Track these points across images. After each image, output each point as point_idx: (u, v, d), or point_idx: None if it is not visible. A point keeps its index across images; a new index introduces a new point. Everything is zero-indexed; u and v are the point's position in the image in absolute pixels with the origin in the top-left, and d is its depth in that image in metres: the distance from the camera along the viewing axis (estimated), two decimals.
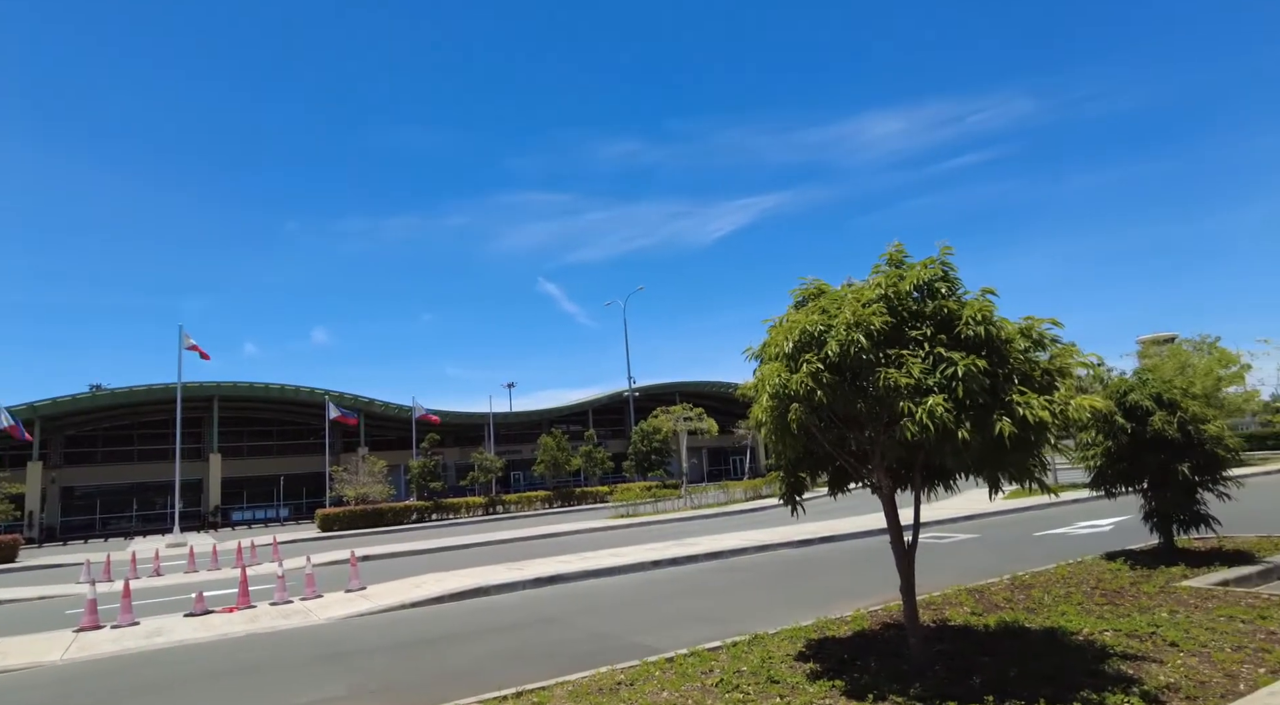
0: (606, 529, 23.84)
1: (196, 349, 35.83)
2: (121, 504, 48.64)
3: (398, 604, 11.71)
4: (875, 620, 7.75)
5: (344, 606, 11.82)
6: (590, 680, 6.29)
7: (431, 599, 11.95)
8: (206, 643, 10.04)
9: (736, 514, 26.53)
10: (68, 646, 10.05)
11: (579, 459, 41.36)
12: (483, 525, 30.69)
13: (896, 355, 5.28)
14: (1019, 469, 5.38)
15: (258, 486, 50.77)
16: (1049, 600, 7.94)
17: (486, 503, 36.78)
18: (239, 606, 12.22)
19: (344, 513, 32.99)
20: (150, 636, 10.45)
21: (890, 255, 6.00)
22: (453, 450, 53.64)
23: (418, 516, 34.49)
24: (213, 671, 8.50)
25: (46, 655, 9.62)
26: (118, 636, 10.56)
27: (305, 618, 11.22)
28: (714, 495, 31.36)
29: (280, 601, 12.47)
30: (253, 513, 49.03)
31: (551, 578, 13.13)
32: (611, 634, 9.03)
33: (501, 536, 23.16)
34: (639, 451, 40.32)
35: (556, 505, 37.64)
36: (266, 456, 52.71)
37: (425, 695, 6.89)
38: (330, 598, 12.75)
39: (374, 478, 35.79)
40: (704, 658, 6.69)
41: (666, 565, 14.23)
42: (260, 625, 10.83)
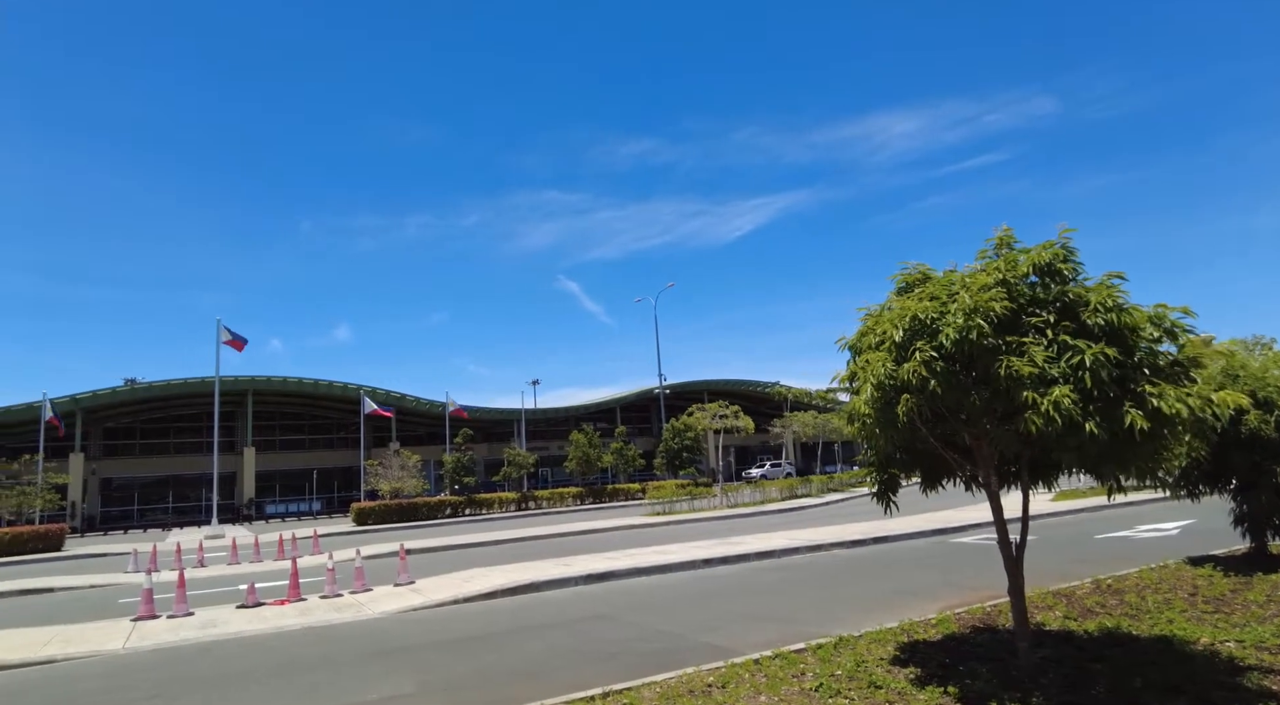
0: (644, 527, 23.61)
1: (234, 344, 36.12)
2: (157, 496, 49.35)
3: (449, 599, 11.56)
4: (963, 623, 7.42)
5: (395, 601, 11.69)
6: (679, 681, 6.05)
7: (483, 594, 11.78)
8: (262, 635, 9.95)
9: (774, 513, 26.18)
10: (128, 635, 10.01)
11: (610, 456, 41.19)
12: (517, 521, 30.61)
13: (1017, 343, 4.96)
14: (1146, 466, 5.04)
15: (290, 480, 51.25)
16: (1149, 606, 7.55)
17: (519, 498, 36.72)
18: (290, 599, 12.15)
19: (378, 506, 33.09)
20: (205, 627, 10.39)
21: (999, 238, 5.68)
22: (481, 446, 53.74)
23: (451, 511, 34.50)
24: (275, 665, 8.38)
25: (108, 643, 9.59)
26: (174, 626, 10.51)
27: (357, 612, 11.10)
28: (749, 494, 31.01)
29: (331, 595, 12.38)
30: (285, 506, 49.48)
31: (602, 574, 12.91)
32: (674, 632, 8.79)
33: (538, 532, 23.01)
34: (669, 449, 40.03)
35: (589, 502, 37.48)
36: (299, 450, 53.23)
37: (495, 694, 6.70)
38: (380, 591, 12.63)
39: (407, 472, 35.88)
40: (790, 660, 6.42)
41: (717, 564, 13.96)
42: (313, 618, 10.73)
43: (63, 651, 9.27)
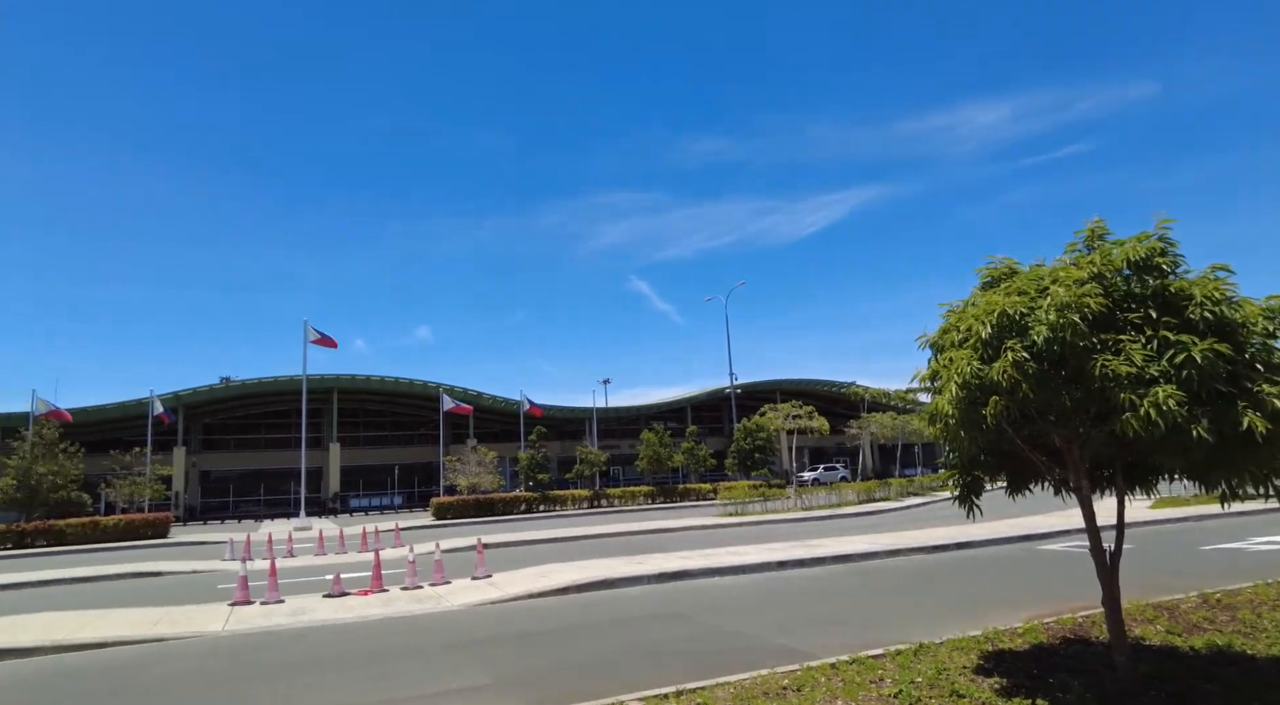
0: (716, 527, 23.49)
1: (322, 342, 37.71)
2: (251, 488, 52.07)
3: (524, 593, 11.76)
4: (1052, 633, 7.09)
5: (473, 594, 11.98)
6: (753, 683, 5.99)
7: (557, 590, 11.95)
8: (348, 624, 10.36)
9: (850, 517, 25.63)
10: (226, 619, 10.60)
11: (680, 455, 41.16)
12: (589, 518, 30.94)
13: (1113, 341, 4.70)
14: (1262, 472, 4.70)
15: (373, 475, 53.25)
16: (1267, 625, 7.04)
17: (591, 496, 37.11)
18: (373, 589, 12.60)
19: (457, 501, 34.02)
20: (296, 615, 10.88)
21: (1091, 230, 5.39)
22: (554, 444, 54.53)
23: (526, 507, 35.16)
24: (358, 653, 8.71)
25: (209, 625, 10.17)
26: (267, 612, 11.06)
27: (437, 603, 11.42)
28: (824, 497, 30.44)
29: (411, 586, 12.78)
30: (368, 500, 51.45)
31: (676, 573, 12.91)
32: (747, 633, 8.71)
33: (610, 530, 23.19)
34: (741, 449, 39.71)
35: (659, 501, 37.55)
36: (381, 446, 55.22)
37: (569, 688, 6.77)
38: (458, 584, 12.97)
39: (484, 468, 36.75)
40: (868, 665, 6.27)
41: (792, 566, 13.76)
42: (395, 609, 11.10)
43: (171, 631, 9.89)
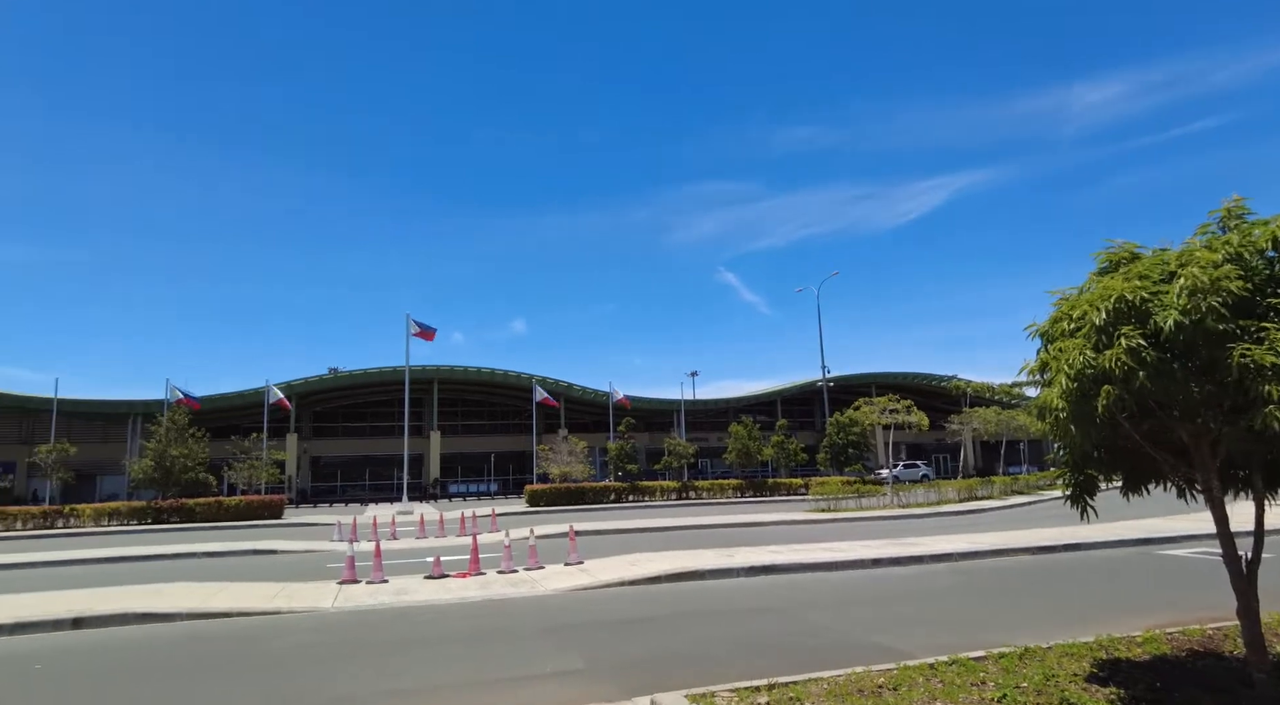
0: (807, 523, 23.09)
1: (422, 334, 39.28)
2: (357, 473, 54.94)
3: (616, 581, 11.91)
4: (1177, 645, 6.61)
5: (566, 579, 12.23)
6: (847, 680, 5.85)
7: (648, 578, 12.04)
8: (447, 605, 10.76)
9: (950, 515, 24.67)
10: (335, 596, 11.21)
11: (770, 449, 40.67)
12: (677, 509, 31.02)
13: (1255, 328, 4.31)
14: None
15: (470, 462, 55.19)
16: None
17: (679, 488, 37.20)
18: (471, 573, 13.05)
19: (549, 489, 34.83)
20: (399, 594, 11.39)
21: (1228, 210, 4.97)
22: (643, 435, 54.94)
23: (615, 497, 35.62)
24: (458, 633, 9.04)
25: (320, 602, 10.79)
26: (373, 592, 11.63)
27: (531, 588, 11.72)
28: (923, 494, 29.41)
29: (507, 571, 13.17)
30: (466, 486, 53.39)
31: (766, 567, 12.77)
32: (840, 630, 8.54)
33: (699, 522, 23.19)
34: (833, 444, 38.84)
35: (748, 495, 37.25)
36: (478, 435, 57.14)
37: (660, 676, 6.81)
38: (551, 569, 13.26)
39: (575, 458, 37.43)
40: (969, 667, 6.03)
41: (888, 564, 13.38)
42: (491, 592, 11.45)
43: (286, 605, 10.55)
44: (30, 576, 15.35)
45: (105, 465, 45.45)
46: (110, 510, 30.38)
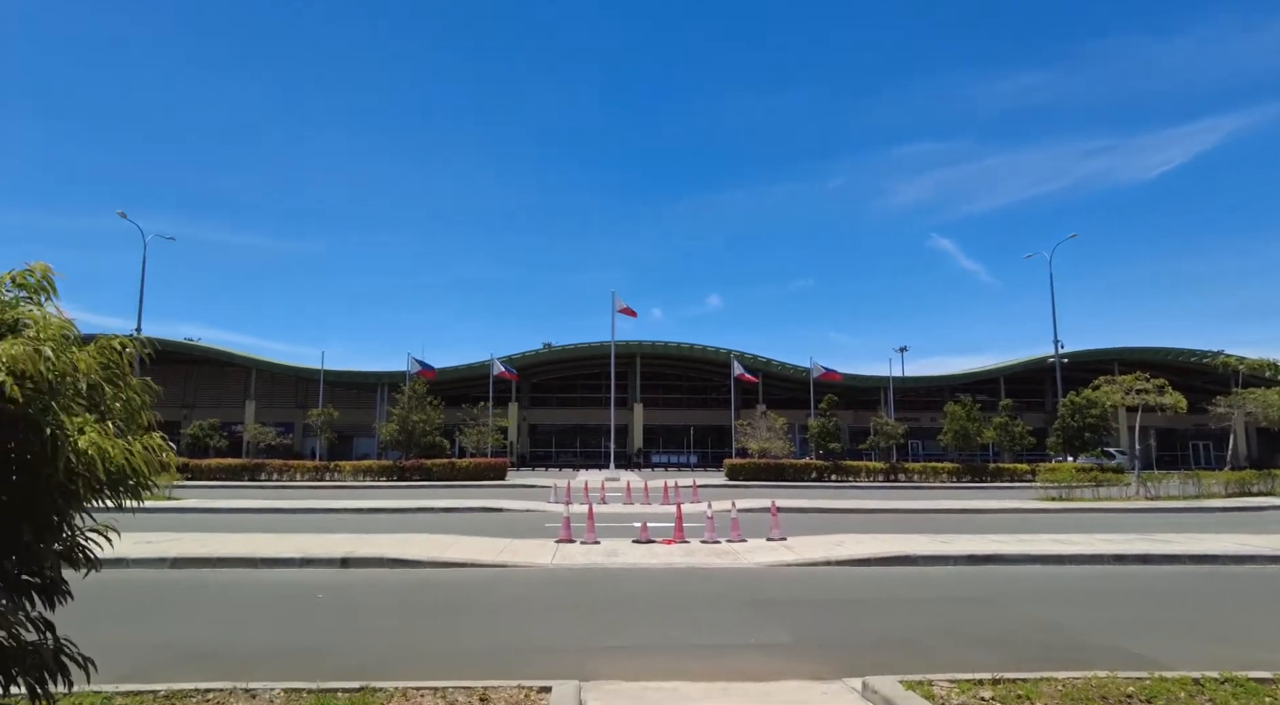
0: (1035, 512, 21.10)
1: (625, 312, 40.79)
2: (568, 440, 58.54)
3: (821, 560, 11.64)
4: None
5: (768, 554, 12.16)
6: (1087, 684, 5.25)
7: (855, 560, 11.64)
8: (654, 568, 11.13)
9: (1214, 512, 21.33)
10: (553, 554, 12.03)
11: (991, 431, 37.53)
12: (884, 492, 29.70)
13: None
14: None
15: (671, 434, 56.68)
16: None
17: (886, 469, 35.56)
18: (675, 540, 13.39)
19: (748, 464, 34.85)
20: (610, 555, 11.97)
21: None
22: (846, 413, 53.09)
23: (817, 475, 34.84)
24: (665, 596, 9.32)
25: (539, 558, 11.63)
26: (586, 551, 12.32)
27: (734, 560, 11.79)
28: (1177, 486, 25.71)
29: (710, 541, 13.36)
30: (667, 457, 54.95)
31: (987, 557, 11.84)
32: (1072, 628, 7.73)
33: (909, 505, 22.01)
34: (1067, 427, 35.01)
35: (965, 480, 34.74)
36: (678, 408, 58.45)
37: (869, 657, 6.58)
38: (753, 543, 13.25)
39: (774, 434, 37.07)
40: (1248, 689, 5.16)
41: (1133, 562, 11.86)
42: (695, 560, 11.67)
43: (511, 559, 11.49)
44: (309, 520, 18.09)
45: (360, 428, 52.29)
46: (364, 467, 34.93)
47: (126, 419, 3.53)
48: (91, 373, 3.21)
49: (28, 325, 3.17)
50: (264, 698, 5.06)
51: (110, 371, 3.38)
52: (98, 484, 3.29)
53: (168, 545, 12.04)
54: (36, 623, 3.38)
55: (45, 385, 3.01)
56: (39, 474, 3.10)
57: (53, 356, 2.99)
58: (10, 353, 2.88)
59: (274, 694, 5.12)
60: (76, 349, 3.20)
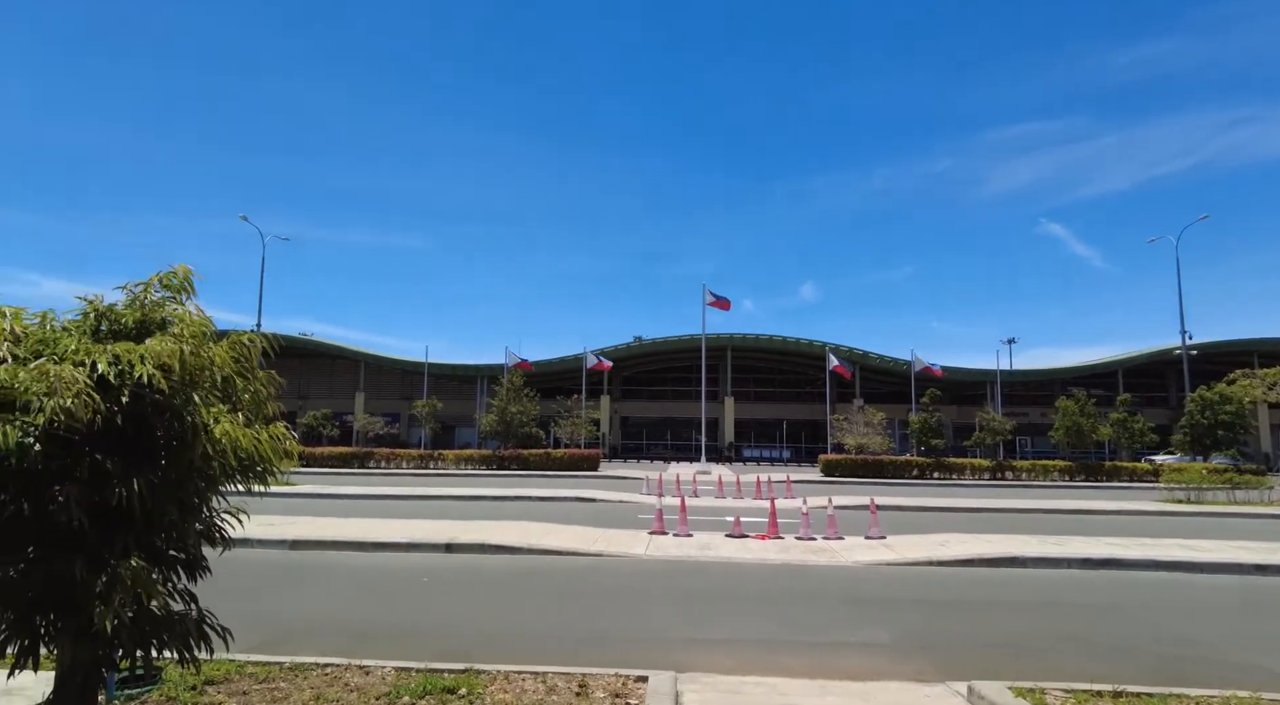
0: (1159, 514, 19.69)
1: (717, 304, 40.57)
2: (658, 433, 58.84)
3: (923, 559, 11.26)
4: None
5: (867, 553, 11.86)
6: (1224, 704, 4.87)
7: (959, 560, 11.20)
8: (748, 563, 11.05)
9: None
10: (646, 545, 12.14)
11: (1108, 428, 35.23)
12: (990, 490, 28.39)
13: None
14: None
15: (763, 428, 56.05)
16: None
17: (993, 467, 33.99)
18: (769, 535, 13.25)
19: (845, 460, 34.06)
20: (703, 549, 11.96)
21: None
22: (950, 408, 51.08)
23: (917, 472, 33.68)
24: (758, 592, 9.25)
25: (633, 548, 11.76)
26: (679, 544, 12.36)
27: (831, 557, 11.56)
28: None
29: (805, 537, 13.14)
30: (759, 451, 54.36)
31: (1105, 561, 11.15)
32: (1204, 642, 7.18)
33: (1017, 505, 20.97)
34: (1195, 424, 32.39)
35: (1079, 479, 32.78)
36: (770, 402, 57.75)
37: (974, 660, 6.35)
38: (851, 541, 12.95)
39: (872, 429, 36.09)
40: None
41: (1275, 572, 10.89)
42: (790, 557, 11.51)
43: (605, 548, 11.68)
44: (414, 506, 18.93)
45: (461, 418, 54.25)
46: (465, 456, 36.24)
47: (254, 409, 3.80)
48: (225, 367, 3.47)
49: (173, 323, 3.46)
50: (377, 674, 5.35)
51: (241, 365, 3.65)
52: (230, 469, 3.56)
53: (287, 528, 12.86)
54: (182, 595, 3.69)
55: (187, 378, 3.28)
56: (182, 459, 3.38)
57: (193, 352, 3.25)
58: (158, 349, 3.15)
59: (385, 672, 5.40)
60: (213, 345, 3.46)
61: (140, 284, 3.67)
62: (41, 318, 3.37)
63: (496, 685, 5.16)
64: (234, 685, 5.02)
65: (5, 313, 3.28)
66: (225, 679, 5.12)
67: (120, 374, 3.13)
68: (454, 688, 5.01)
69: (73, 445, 3.10)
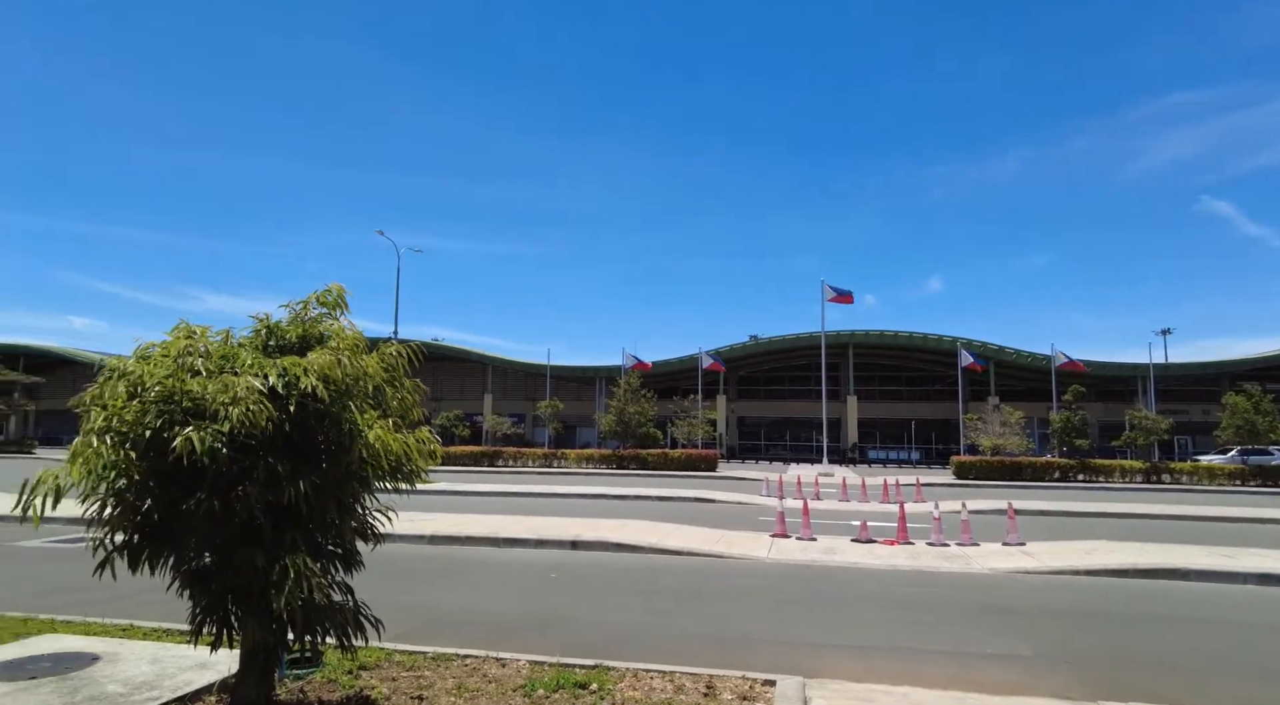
0: None
1: (838, 299, 39.52)
2: (777, 433, 57.92)
3: (1066, 568, 10.55)
4: None
5: (1004, 560, 11.24)
6: None
7: (1108, 570, 10.42)
8: (876, 569, 10.73)
9: None
10: (769, 548, 12.03)
11: None
12: (1143, 495, 26.13)
13: None
14: None
15: (888, 428, 54.01)
16: None
17: (1147, 469, 31.28)
18: (898, 541, 12.80)
19: (980, 462, 32.33)
20: (828, 553, 11.72)
21: None
22: (1095, 406, 47.40)
23: (1060, 475, 31.48)
24: (887, 598, 8.97)
25: (755, 551, 11.69)
26: (803, 547, 12.17)
27: (965, 564, 11.03)
28: None
29: (937, 543, 12.61)
30: (885, 453, 52.43)
31: None
32: None
33: (1175, 511, 19.21)
34: None
35: (1252, 483, 29.60)
36: (896, 401, 55.57)
37: (1125, 679, 5.94)
38: (986, 548, 12.32)
39: (1009, 429, 34.04)
40: None
41: None
42: (921, 563, 11.08)
43: (726, 550, 11.67)
44: (540, 503, 19.64)
45: (581, 418, 55.61)
46: (586, 456, 37.16)
47: (401, 415, 4.10)
48: (376, 377, 3.77)
49: (330, 337, 3.80)
50: (512, 667, 5.61)
51: (390, 375, 3.95)
52: (382, 471, 3.86)
53: (425, 524, 13.66)
54: (340, 586, 4.04)
55: (343, 387, 3.59)
56: (340, 462, 3.70)
57: (349, 364, 3.56)
58: (319, 362, 3.47)
59: (520, 665, 5.66)
60: (365, 357, 3.77)
61: (300, 302, 4.05)
62: (223, 335, 3.80)
63: (625, 683, 5.29)
64: (384, 672, 5.41)
65: (195, 331, 3.72)
66: (377, 665, 5.53)
67: (288, 385, 3.47)
68: (585, 683, 5.18)
69: (249, 450, 3.47)
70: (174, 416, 3.34)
